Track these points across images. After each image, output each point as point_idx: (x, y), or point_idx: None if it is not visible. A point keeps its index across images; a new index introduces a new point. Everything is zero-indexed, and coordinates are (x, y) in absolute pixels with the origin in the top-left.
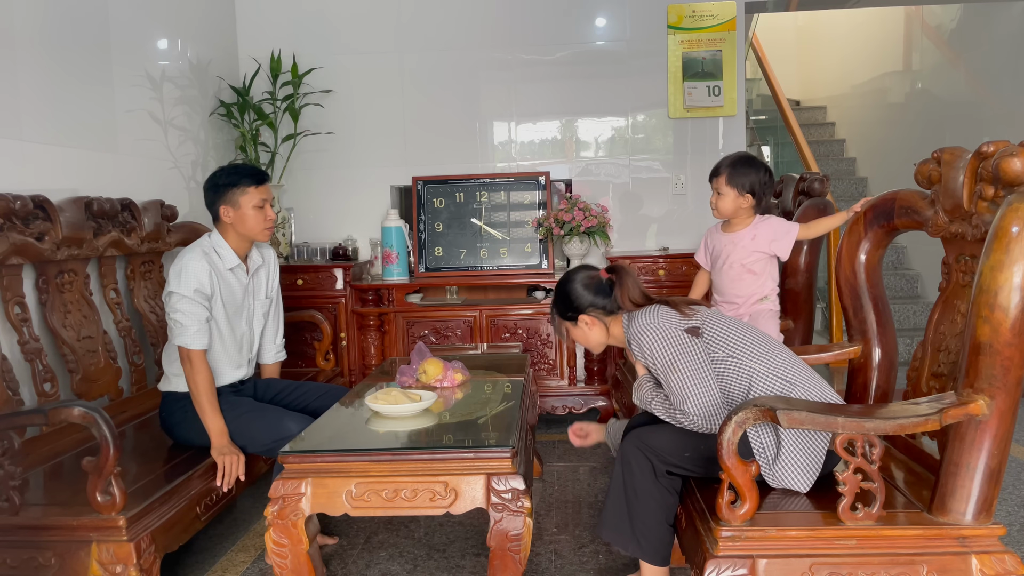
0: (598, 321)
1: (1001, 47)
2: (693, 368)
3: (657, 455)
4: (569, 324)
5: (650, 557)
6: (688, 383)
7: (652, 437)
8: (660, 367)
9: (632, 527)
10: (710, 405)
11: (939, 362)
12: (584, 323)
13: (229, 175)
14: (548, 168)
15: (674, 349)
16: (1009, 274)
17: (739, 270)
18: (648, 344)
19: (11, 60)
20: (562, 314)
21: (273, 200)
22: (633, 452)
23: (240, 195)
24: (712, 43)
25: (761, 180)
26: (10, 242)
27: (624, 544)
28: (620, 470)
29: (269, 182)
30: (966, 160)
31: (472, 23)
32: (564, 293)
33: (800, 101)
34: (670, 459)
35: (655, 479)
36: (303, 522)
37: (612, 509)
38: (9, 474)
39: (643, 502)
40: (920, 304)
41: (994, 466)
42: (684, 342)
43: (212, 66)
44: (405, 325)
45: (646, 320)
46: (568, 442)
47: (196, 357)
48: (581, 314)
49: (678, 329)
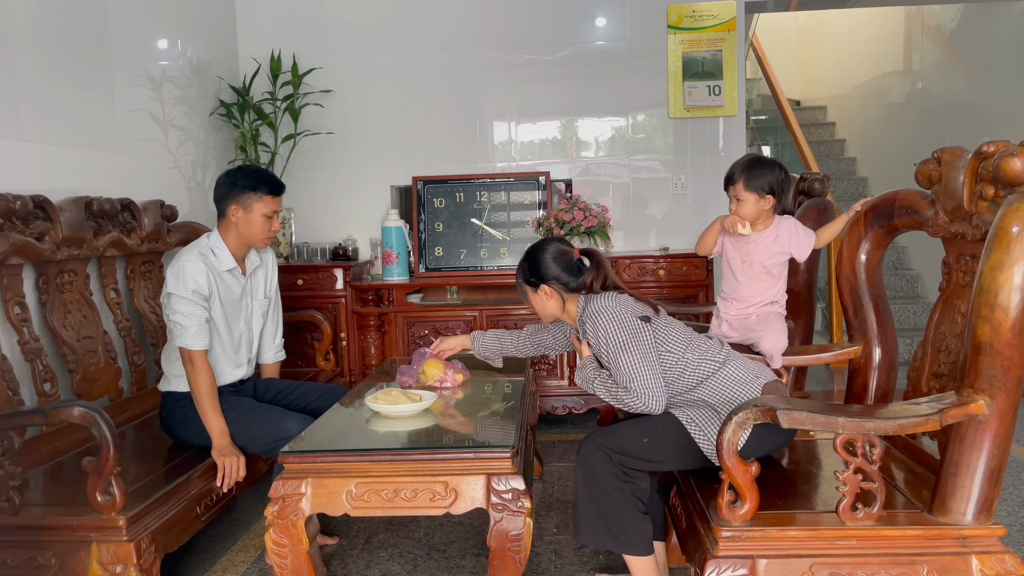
0: (556, 295)
1: (1001, 47)
2: (643, 351)
3: (615, 448)
4: (529, 288)
5: (631, 549)
6: (637, 364)
7: (607, 433)
8: (610, 347)
9: (606, 525)
10: (653, 385)
11: (939, 362)
12: (543, 292)
13: (250, 178)
14: (548, 168)
15: (627, 332)
16: (1009, 274)
17: (759, 271)
18: (603, 324)
19: (11, 60)
20: (525, 278)
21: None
22: (591, 451)
23: (255, 200)
24: (712, 43)
25: (778, 178)
26: (10, 242)
27: (604, 543)
28: (581, 472)
29: (283, 194)
30: (966, 160)
31: (472, 23)
32: (534, 260)
33: (800, 101)
34: (630, 450)
35: (616, 470)
36: (303, 522)
37: (583, 512)
38: (9, 474)
39: (610, 497)
40: (920, 304)
41: (994, 466)
42: (636, 326)
43: (212, 66)
44: (405, 325)
45: (604, 302)
46: (568, 442)
47: (197, 358)
48: (543, 283)
49: (632, 315)
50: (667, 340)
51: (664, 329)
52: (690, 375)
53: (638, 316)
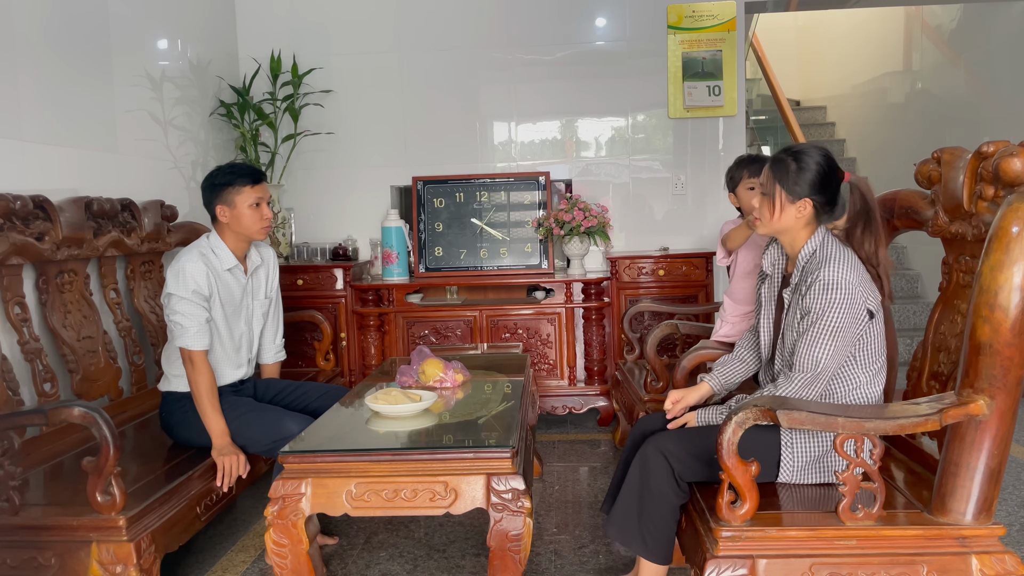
0: (809, 217)
1: (1001, 47)
2: (845, 343)
3: (678, 459)
4: (785, 195)
5: (654, 556)
6: (830, 355)
7: (674, 442)
8: (820, 325)
9: (640, 527)
10: (822, 380)
11: (939, 362)
12: (799, 208)
13: (225, 174)
14: (548, 168)
15: (847, 319)
16: (1009, 274)
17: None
18: (833, 298)
19: (11, 60)
20: (792, 181)
21: (271, 199)
22: (654, 454)
23: (235, 194)
24: (712, 43)
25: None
26: (10, 242)
27: (628, 541)
28: (637, 470)
29: (265, 181)
30: (966, 160)
31: (472, 23)
32: (825, 170)
33: (800, 101)
34: (695, 464)
35: (673, 482)
36: (303, 522)
37: (622, 507)
38: (9, 474)
39: (657, 503)
40: (920, 304)
41: (994, 466)
42: (858, 318)
43: (212, 66)
44: (405, 325)
45: (850, 276)
46: (568, 442)
47: (197, 358)
48: (807, 198)
49: (864, 305)
50: (864, 347)
51: (873, 332)
52: (843, 393)
53: (869, 308)
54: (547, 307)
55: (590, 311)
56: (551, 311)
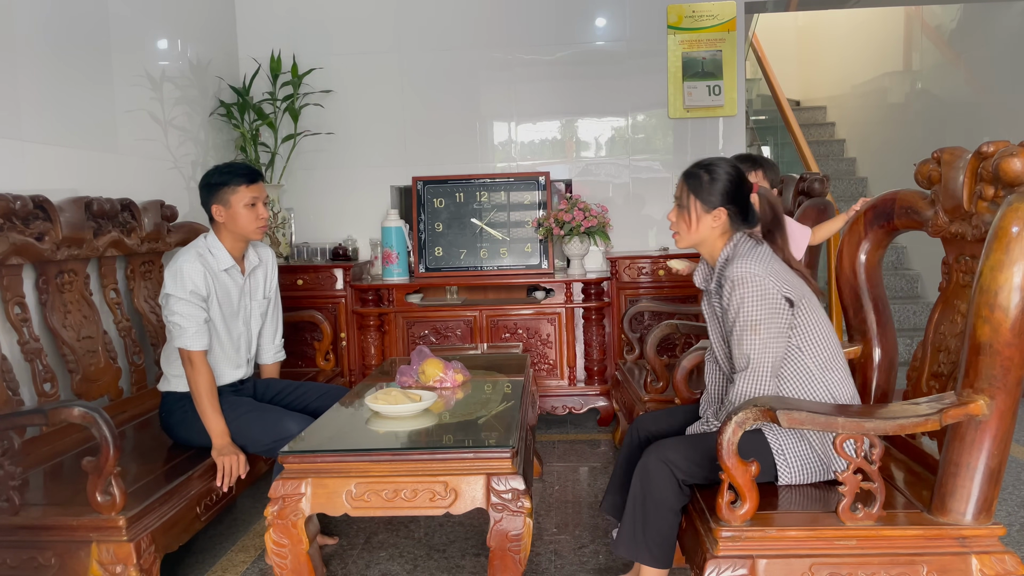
0: (723, 224)
1: (1001, 47)
2: (773, 335)
3: (679, 467)
4: (701, 205)
5: (655, 562)
6: (762, 346)
7: (674, 451)
8: (741, 321)
9: (645, 536)
10: (768, 373)
11: (939, 362)
12: (715, 217)
13: (221, 174)
14: (548, 168)
15: (762, 311)
16: (1009, 274)
17: None
18: (744, 292)
19: (11, 60)
20: (706, 192)
21: (268, 199)
22: (655, 464)
23: (231, 194)
24: (712, 43)
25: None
26: (10, 242)
27: (634, 553)
28: (639, 483)
29: (262, 180)
30: (966, 160)
31: (472, 23)
32: (735, 179)
33: (800, 101)
34: (696, 470)
35: (676, 488)
36: (303, 522)
37: (627, 526)
38: (9, 474)
39: (660, 512)
40: (920, 304)
41: (994, 466)
42: (778, 308)
43: (212, 66)
44: (405, 325)
45: (752, 268)
46: (568, 442)
47: (197, 358)
48: (722, 207)
49: (779, 293)
50: (804, 336)
51: (803, 324)
52: (797, 384)
53: (784, 295)
54: (547, 307)
55: (590, 311)
56: (551, 311)
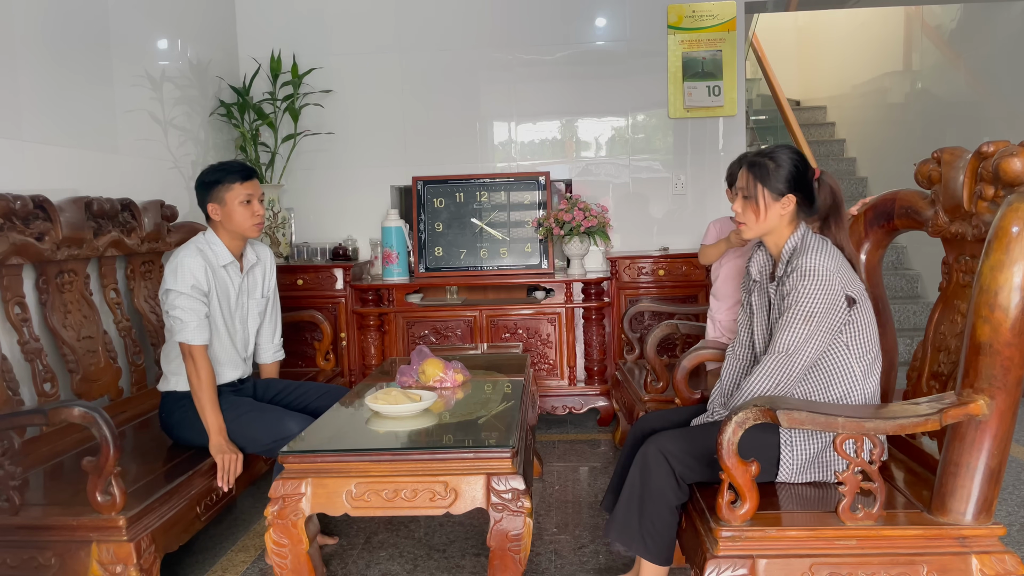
0: (792, 213)
1: (1001, 47)
2: (825, 331)
3: (678, 459)
4: (770, 194)
5: (654, 557)
6: (808, 340)
7: (673, 442)
8: (798, 311)
9: (640, 526)
10: (803, 365)
11: (939, 362)
12: (783, 204)
13: (215, 172)
14: (548, 168)
15: (823, 306)
16: (1009, 274)
17: None
18: (809, 284)
19: (11, 60)
20: (773, 179)
21: (264, 197)
22: (654, 455)
23: (225, 191)
24: (712, 43)
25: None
26: (10, 242)
27: (629, 543)
28: (637, 471)
29: (257, 178)
30: (966, 160)
31: (472, 23)
32: (800, 165)
33: (800, 101)
34: (694, 464)
35: (673, 482)
36: (303, 522)
37: (621, 511)
38: (9, 474)
39: (657, 504)
40: (920, 304)
41: (994, 466)
42: (836, 305)
43: (212, 66)
44: (405, 325)
45: (827, 263)
46: (568, 442)
47: (197, 353)
48: (790, 194)
49: (842, 291)
50: (854, 335)
51: (859, 320)
52: (839, 385)
53: (848, 294)
54: (547, 307)
55: (590, 311)
56: (551, 311)
